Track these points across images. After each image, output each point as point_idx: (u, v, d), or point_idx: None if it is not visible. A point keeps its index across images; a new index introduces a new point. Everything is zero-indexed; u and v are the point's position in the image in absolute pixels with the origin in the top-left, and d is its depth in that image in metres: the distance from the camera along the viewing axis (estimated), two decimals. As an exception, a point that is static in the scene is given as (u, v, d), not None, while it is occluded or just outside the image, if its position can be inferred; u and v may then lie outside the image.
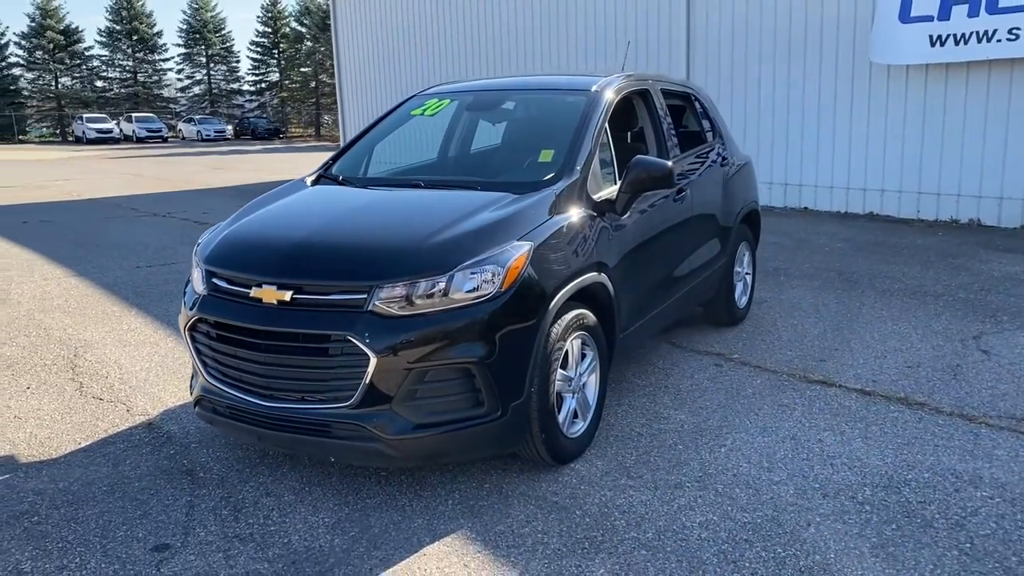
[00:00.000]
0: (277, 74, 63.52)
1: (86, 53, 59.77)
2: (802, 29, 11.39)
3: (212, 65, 63.89)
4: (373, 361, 3.11)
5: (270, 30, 62.47)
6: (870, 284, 7.15)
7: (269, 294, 3.29)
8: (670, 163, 4.17)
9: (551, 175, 3.94)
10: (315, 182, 4.53)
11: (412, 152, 5.13)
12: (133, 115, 51.10)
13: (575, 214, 3.78)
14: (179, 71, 64.04)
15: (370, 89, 20.69)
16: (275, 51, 62.84)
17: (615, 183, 4.20)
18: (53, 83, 58.77)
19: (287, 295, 3.26)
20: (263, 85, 64.40)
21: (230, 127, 53.63)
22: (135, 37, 60.34)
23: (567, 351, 3.61)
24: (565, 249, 3.62)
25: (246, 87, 65.43)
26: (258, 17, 70.70)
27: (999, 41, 9.36)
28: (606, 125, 4.34)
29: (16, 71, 57.26)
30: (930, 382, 4.74)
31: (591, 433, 3.89)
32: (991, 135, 9.82)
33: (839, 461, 3.74)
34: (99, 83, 60.92)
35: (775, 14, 11.67)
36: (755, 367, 5.08)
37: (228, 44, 64.03)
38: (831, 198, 11.56)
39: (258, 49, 63.17)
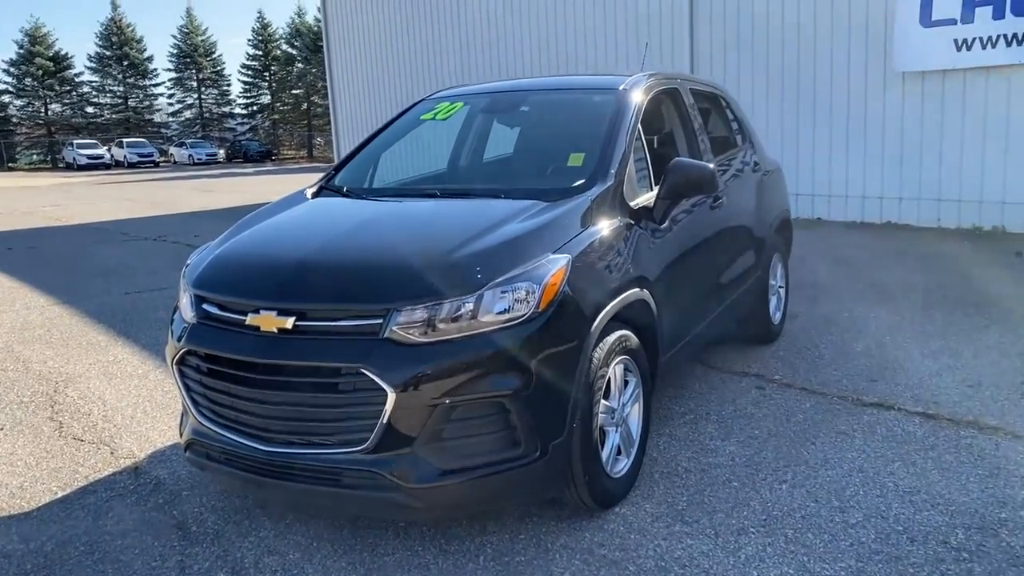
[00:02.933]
0: (268, 97, 63.04)
1: (76, 79, 59.27)
2: (811, 33, 11.05)
3: (203, 89, 63.37)
4: (391, 397, 2.65)
5: (261, 53, 62.04)
6: (904, 296, 6.73)
7: (268, 321, 2.84)
8: (712, 165, 3.75)
9: (583, 180, 3.50)
10: (316, 194, 4.09)
11: (422, 160, 4.70)
12: (124, 140, 50.50)
13: (613, 223, 3.35)
14: (170, 96, 63.39)
15: (364, 107, 20.34)
16: (266, 74, 62.37)
17: (651, 189, 3.78)
18: (43, 110, 58.23)
19: (289, 322, 2.81)
20: (254, 108, 63.85)
21: (221, 150, 53.22)
22: (125, 63, 59.84)
23: (609, 379, 3.17)
24: (605, 262, 3.19)
25: (238, 110, 64.88)
26: (249, 41, 70.42)
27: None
28: (639, 127, 3.91)
29: (5, 98, 56.79)
30: (997, 403, 4.31)
31: (635, 471, 3.44)
32: (1015, 136, 9.45)
33: (919, 498, 3.29)
34: (90, 109, 60.27)
35: (782, 17, 11.33)
36: (800, 389, 4.64)
37: (219, 68, 63.48)
38: (845, 207, 11.18)
39: (249, 72, 62.72)
